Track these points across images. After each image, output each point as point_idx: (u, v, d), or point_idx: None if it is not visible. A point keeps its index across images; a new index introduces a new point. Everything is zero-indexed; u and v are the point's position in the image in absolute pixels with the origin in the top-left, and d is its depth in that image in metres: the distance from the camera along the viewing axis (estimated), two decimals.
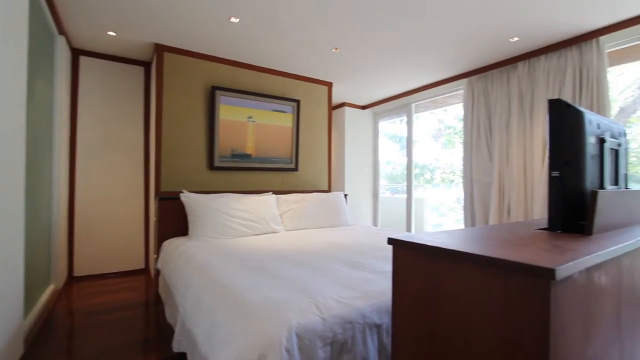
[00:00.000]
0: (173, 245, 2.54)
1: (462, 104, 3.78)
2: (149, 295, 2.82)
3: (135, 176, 3.49)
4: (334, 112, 5.19)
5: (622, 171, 1.24)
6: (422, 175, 5.56)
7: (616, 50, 2.71)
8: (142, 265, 3.52)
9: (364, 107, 5.24)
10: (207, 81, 3.20)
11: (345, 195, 3.96)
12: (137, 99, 3.50)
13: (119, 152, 3.40)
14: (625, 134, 1.30)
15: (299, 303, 1.24)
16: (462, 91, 3.78)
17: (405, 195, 4.68)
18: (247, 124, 3.38)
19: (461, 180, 3.77)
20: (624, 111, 3.22)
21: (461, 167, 3.76)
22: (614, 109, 3.04)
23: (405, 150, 4.70)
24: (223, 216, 2.73)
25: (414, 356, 0.88)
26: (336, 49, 3.10)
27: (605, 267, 0.80)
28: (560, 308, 0.63)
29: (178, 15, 2.50)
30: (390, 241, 0.95)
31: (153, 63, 3.17)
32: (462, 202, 3.72)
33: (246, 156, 3.38)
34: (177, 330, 1.72)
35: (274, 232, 2.95)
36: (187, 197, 2.78)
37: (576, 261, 0.65)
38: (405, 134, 4.73)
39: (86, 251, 3.23)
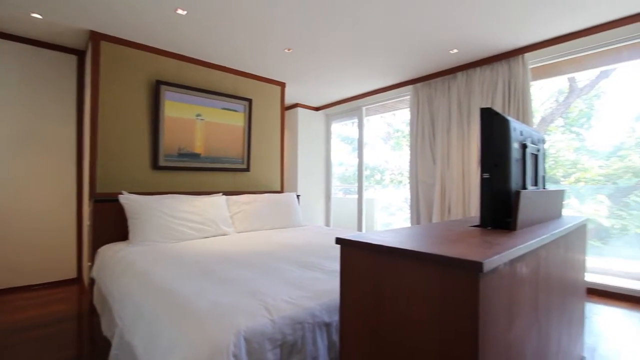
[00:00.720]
0: (111, 251, 2.34)
1: (409, 109, 3.99)
2: (82, 307, 2.56)
3: (66, 176, 3.15)
4: (287, 113, 5.18)
5: (540, 173, 1.40)
6: (372, 176, 5.76)
7: (538, 66, 3.07)
8: (73, 275, 3.19)
9: (317, 109, 5.29)
10: (150, 75, 3.00)
11: (298, 196, 3.97)
12: (68, 91, 3.16)
13: (45, 149, 3.04)
14: (544, 141, 1.47)
15: (247, 306, 1.21)
16: (409, 97, 3.99)
17: (356, 196, 4.82)
18: (195, 122, 3.23)
19: (408, 181, 3.98)
20: (544, 120, 3.65)
21: (408, 168, 3.97)
22: (536, 119, 3.44)
23: (356, 152, 4.84)
24: (168, 219, 2.57)
25: (362, 354, 0.91)
26: (289, 50, 3.10)
27: (526, 259, 0.89)
28: (488, 297, 0.70)
29: (117, 1, 2.31)
30: (338, 241, 0.97)
31: (88, 52, 2.89)
32: (409, 202, 3.93)
33: (194, 155, 3.23)
34: (114, 343, 1.59)
35: (224, 235, 2.85)
36: (127, 199, 2.58)
37: (501, 254, 0.72)
38: (356, 136, 4.87)
39: (4, 261, 2.84)
